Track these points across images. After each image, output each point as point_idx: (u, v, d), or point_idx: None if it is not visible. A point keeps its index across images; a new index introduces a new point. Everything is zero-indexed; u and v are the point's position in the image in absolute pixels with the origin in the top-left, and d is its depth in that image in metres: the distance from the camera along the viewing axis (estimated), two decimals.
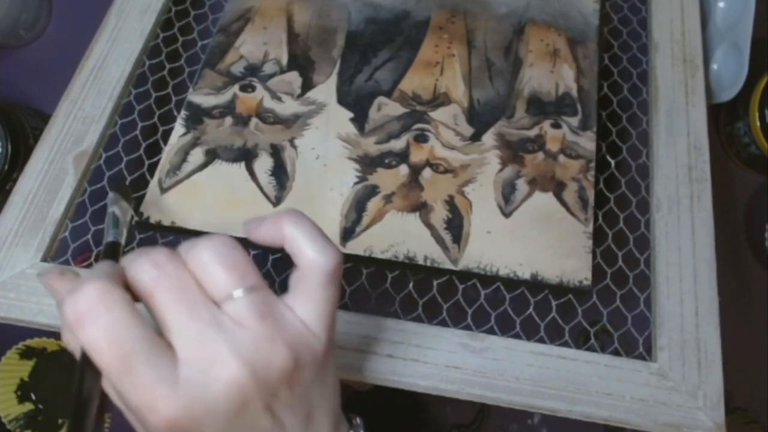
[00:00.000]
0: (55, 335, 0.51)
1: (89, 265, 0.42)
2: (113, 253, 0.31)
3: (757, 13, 0.52)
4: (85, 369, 0.24)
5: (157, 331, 0.24)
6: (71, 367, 0.53)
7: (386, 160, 0.45)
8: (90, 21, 0.50)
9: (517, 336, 0.40)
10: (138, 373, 0.23)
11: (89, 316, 0.23)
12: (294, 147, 0.45)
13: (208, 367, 0.24)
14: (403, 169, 0.44)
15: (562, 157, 0.45)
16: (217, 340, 0.24)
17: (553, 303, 0.42)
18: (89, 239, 0.43)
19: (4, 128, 0.52)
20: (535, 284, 0.41)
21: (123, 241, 0.33)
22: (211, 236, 0.26)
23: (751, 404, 0.52)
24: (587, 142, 0.46)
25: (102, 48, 0.48)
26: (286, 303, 0.27)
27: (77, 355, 0.27)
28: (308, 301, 0.27)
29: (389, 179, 0.44)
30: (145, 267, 0.25)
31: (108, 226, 0.33)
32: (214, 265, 0.25)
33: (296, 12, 0.52)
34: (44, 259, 0.40)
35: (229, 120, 0.46)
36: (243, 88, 0.48)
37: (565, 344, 0.40)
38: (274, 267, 0.43)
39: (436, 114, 0.47)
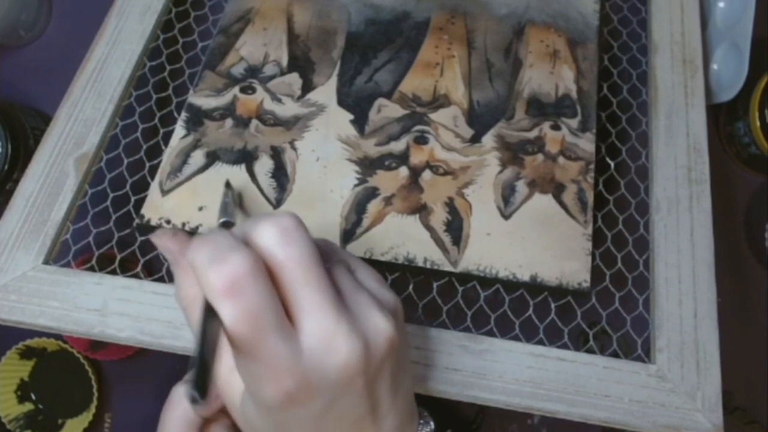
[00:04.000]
0: (56, 336, 0.51)
1: (91, 268, 0.42)
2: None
3: (757, 13, 0.52)
4: (208, 322, 0.24)
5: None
6: (71, 367, 0.53)
7: (386, 162, 0.45)
8: (90, 21, 0.51)
9: (516, 338, 0.40)
10: (269, 345, 0.23)
11: (238, 288, 0.23)
12: (294, 149, 0.45)
13: (330, 340, 0.24)
14: (403, 171, 0.45)
15: (561, 159, 0.45)
16: (338, 313, 0.25)
17: (553, 305, 0.42)
18: (90, 241, 0.43)
19: (4, 128, 0.52)
20: (535, 286, 0.41)
21: (235, 221, 0.37)
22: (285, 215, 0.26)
23: (751, 404, 0.53)
24: (586, 144, 0.46)
25: (102, 50, 0.48)
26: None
27: (185, 305, 0.28)
28: (360, 266, 0.29)
29: (389, 181, 0.44)
30: (273, 233, 0.25)
31: (220, 213, 0.39)
32: (307, 242, 0.25)
33: (296, 13, 0.52)
34: (46, 262, 0.41)
35: (229, 122, 0.46)
36: (243, 90, 0.48)
37: (565, 346, 0.40)
38: None
39: (436, 116, 0.47)
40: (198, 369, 0.23)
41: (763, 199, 0.56)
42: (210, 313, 0.24)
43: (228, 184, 0.42)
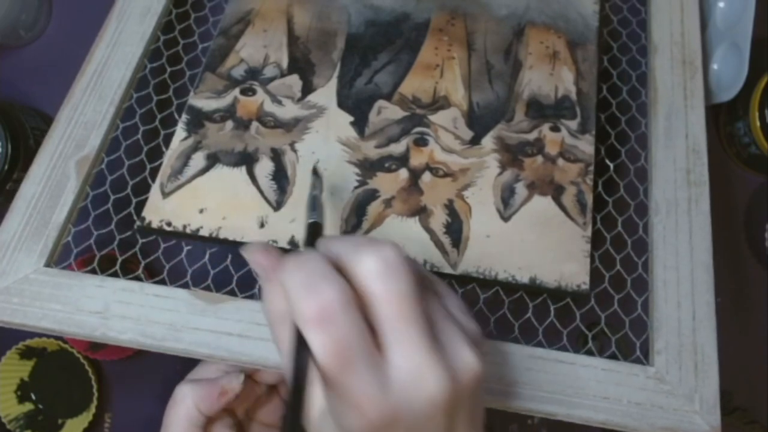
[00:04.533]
0: (56, 336, 0.51)
1: (92, 270, 0.42)
2: (316, 233, 0.33)
3: (757, 13, 0.52)
4: (299, 349, 0.25)
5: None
6: (71, 367, 0.54)
7: (386, 164, 0.45)
8: (90, 21, 0.51)
9: (515, 340, 0.40)
10: (357, 373, 0.24)
11: (329, 319, 0.23)
12: (294, 151, 0.45)
13: (419, 374, 0.24)
14: (403, 173, 0.45)
15: (560, 161, 0.46)
16: (430, 348, 0.25)
17: (552, 307, 0.42)
18: (92, 243, 0.43)
19: (4, 128, 0.52)
20: (534, 288, 0.41)
21: (323, 220, 0.35)
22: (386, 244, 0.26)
23: (751, 404, 0.53)
24: (586, 146, 0.46)
25: (103, 52, 0.48)
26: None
27: (272, 320, 0.28)
28: (448, 293, 0.29)
29: (389, 183, 0.44)
30: (375, 266, 0.25)
31: (309, 208, 0.35)
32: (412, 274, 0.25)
33: (296, 14, 0.52)
34: (47, 264, 0.41)
35: (230, 124, 0.46)
36: (243, 92, 0.48)
37: (564, 348, 0.40)
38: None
39: (436, 117, 0.47)
40: (291, 397, 0.24)
41: (763, 199, 0.56)
42: (300, 340, 0.24)
43: (315, 171, 0.40)
